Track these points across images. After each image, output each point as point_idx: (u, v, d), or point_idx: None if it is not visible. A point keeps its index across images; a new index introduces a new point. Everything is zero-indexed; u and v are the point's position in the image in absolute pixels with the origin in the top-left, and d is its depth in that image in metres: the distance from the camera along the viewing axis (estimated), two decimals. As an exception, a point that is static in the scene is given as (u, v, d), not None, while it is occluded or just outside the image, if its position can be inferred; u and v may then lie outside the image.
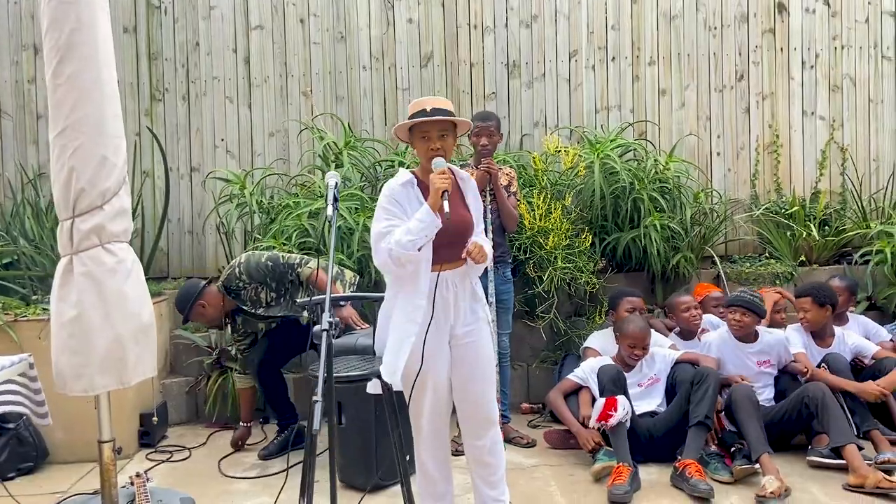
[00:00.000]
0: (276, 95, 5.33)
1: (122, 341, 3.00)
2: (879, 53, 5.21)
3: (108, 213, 2.99)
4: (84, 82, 2.88)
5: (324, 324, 2.12)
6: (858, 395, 3.69)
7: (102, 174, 2.95)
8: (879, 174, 5.23)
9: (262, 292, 3.86)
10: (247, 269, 3.80)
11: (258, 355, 4.04)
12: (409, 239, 2.57)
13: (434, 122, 2.68)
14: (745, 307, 3.82)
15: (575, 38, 5.23)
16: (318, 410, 1.92)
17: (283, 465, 3.87)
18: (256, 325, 4.06)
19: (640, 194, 4.62)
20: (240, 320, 4.05)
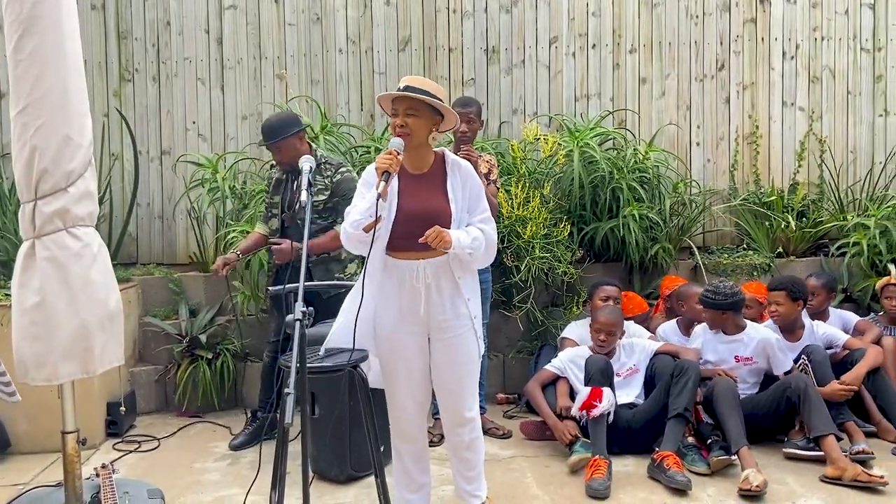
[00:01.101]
0: (249, 78, 5.20)
1: (87, 329, 2.89)
2: (858, 45, 5.21)
3: (72, 196, 2.87)
4: (46, 57, 2.75)
5: (297, 313, 2.04)
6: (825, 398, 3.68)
7: (66, 154, 2.83)
8: (856, 166, 5.25)
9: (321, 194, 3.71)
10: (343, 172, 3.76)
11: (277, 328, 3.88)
12: (353, 219, 2.53)
13: (400, 98, 2.60)
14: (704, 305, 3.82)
15: (555, 24, 5.16)
16: (291, 402, 1.84)
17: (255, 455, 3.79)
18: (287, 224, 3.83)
19: (619, 184, 4.58)
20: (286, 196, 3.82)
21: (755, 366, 3.84)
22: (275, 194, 3.85)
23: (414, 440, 2.85)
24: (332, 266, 3.78)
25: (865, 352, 3.87)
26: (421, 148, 2.66)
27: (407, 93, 2.57)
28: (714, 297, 3.81)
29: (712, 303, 3.81)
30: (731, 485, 3.33)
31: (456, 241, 2.57)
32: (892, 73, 5.21)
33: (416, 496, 2.90)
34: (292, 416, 1.83)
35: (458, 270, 2.68)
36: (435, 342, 2.72)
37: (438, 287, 2.66)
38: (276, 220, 3.85)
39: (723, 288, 3.83)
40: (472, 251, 2.64)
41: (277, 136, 3.67)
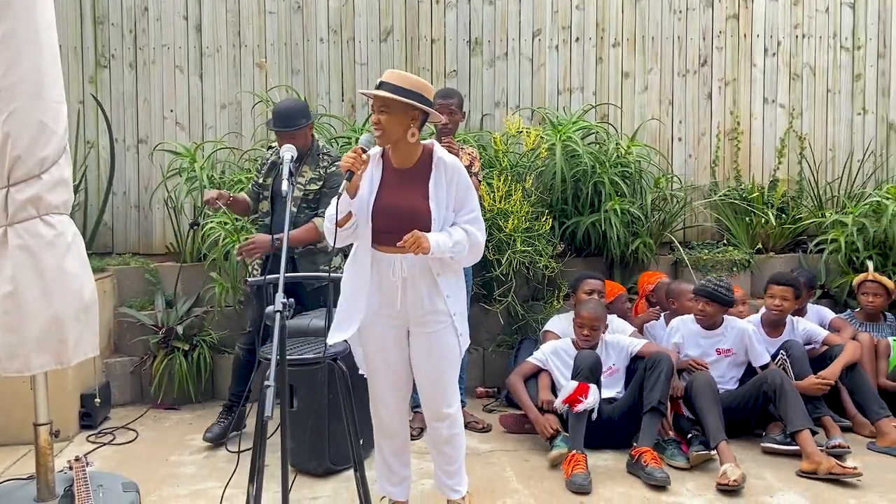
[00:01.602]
0: (228, 66, 5.12)
1: (61, 320, 2.83)
2: (838, 44, 5.24)
3: (46, 183, 2.80)
4: (20, 42, 2.68)
5: (277, 304, 2.00)
6: (802, 392, 3.71)
7: (41, 141, 2.76)
8: (835, 164, 5.29)
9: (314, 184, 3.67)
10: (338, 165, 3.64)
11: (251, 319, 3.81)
12: (329, 213, 2.52)
13: (373, 95, 2.57)
14: (706, 296, 3.80)
15: (539, 16, 5.14)
16: (272, 395, 1.81)
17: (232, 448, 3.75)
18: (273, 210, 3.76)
19: (601, 178, 4.57)
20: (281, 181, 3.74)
21: (735, 358, 3.86)
22: (267, 176, 3.77)
23: (395, 434, 2.83)
24: (317, 258, 3.73)
25: (843, 347, 3.90)
26: (400, 143, 2.61)
27: (378, 91, 2.55)
28: (726, 294, 3.83)
29: (723, 298, 3.81)
30: (709, 479, 3.34)
31: (435, 246, 2.51)
32: (870, 71, 5.25)
33: (396, 489, 2.89)
34: (272, 408, 1.80)
35: (436, 268, 2.64)
36: (413, 336, 2.70)
37: (415, 282, 2.63)
38: (266, 202, 3.77)
39: (726, 284, 3.87)
40: (454, 255, 2.59)
41: (296, 123, 3.60)
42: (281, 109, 3.64)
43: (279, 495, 2.31)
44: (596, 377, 3.54)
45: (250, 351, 3.81)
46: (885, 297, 4.34)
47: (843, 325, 4.27)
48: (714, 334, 3.89)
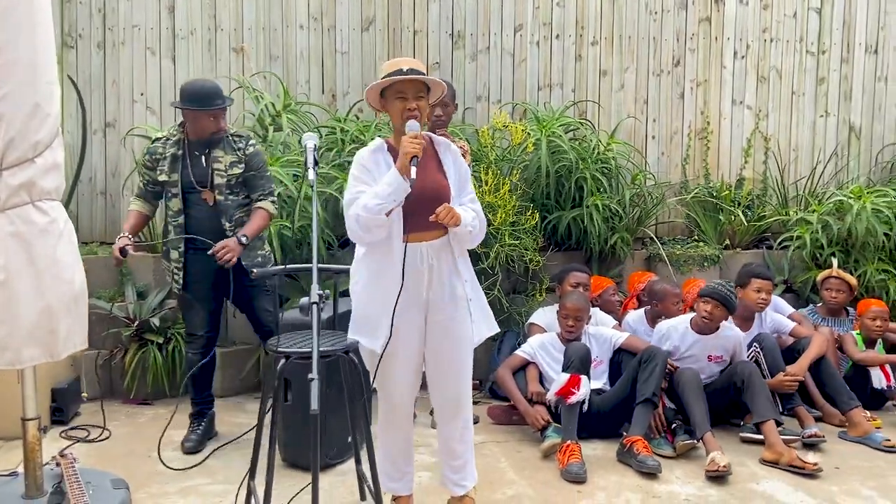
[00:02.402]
0: (203, 50, 4.97)
1: (52, 310, 2.71)
2: (804, 48, 5.44)
3: (39, 168, 2.68)
4: (16, 21, 2.56)
5: (313, 296, 1.96)
6: (773, 389, 3.85)
7: (34, 124, 2.64)
8: (798, 164, 5.49)
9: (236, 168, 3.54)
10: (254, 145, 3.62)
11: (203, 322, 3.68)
12: (376, 203, 2.46)
13: (411, 81, 2.57)
14: (719, 300, 3.81)
15: (520, 12, 5.16)
16: (316, 389, 1.77)
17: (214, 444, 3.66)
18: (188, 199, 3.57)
19: (583, 174, 4.64)
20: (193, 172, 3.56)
21: (722, 363, 3.95)
22: (172, 171, 3.52)
23: (402, 427, 2.82)
24: (254, 243, 3.61)
25: (811, 340, 4.06)
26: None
27: (420, 76, 2.56)
28: (735, 300, 3.85)
29: (733, 304, 3.83)
30: (696, 467, 3.45)
31: (463, 217, 2.57)
32: (834, 76, 5.47)
33: (399, 484, 2.87)
34: (319, 404, 1.76)
35: (457, 250, 2.69)
36: (432, 325, 2.69)
37: (439, 269, 2.65)
38: (176, 200, 3.53)
39: (734, 290, 3.93)
40: (472, 228, 2.65)
41: (215, 103, 3.45)
42: (196, 87, 3.47)
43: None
44: (587, 369, 3.60)
45: (204, 355, 3.68)
46: (847, 294, 4.54)
47: (802, 319, 4.44)
48: (707, 339, 3.89)
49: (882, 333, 4.36)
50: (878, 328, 4.32)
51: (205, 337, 3.72)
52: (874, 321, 4.33)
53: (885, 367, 4.21)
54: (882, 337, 4.37)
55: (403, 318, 2.60)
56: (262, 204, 3.59)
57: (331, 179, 4.37)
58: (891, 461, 3.57)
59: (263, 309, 3.72)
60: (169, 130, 3.62)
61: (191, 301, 3.70)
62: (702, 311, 3.85)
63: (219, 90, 3.51)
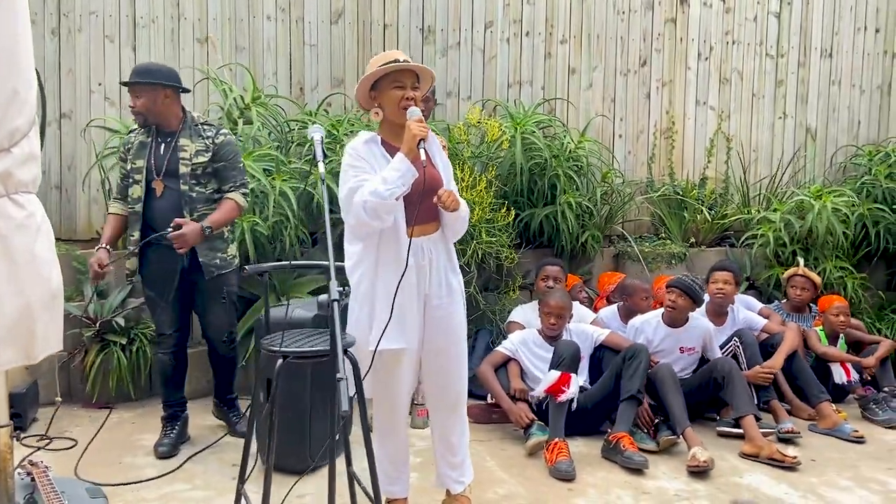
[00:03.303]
0: (165, 39, 4.78)
1: (31, 309, 2.52)
2: (764, 51, 5.59)
3: (16, 158, 2.48)
4: (-4, -3, 2.38)
5: (333, 293, 1.88)
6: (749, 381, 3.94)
7: (13, 111, 2.44)
8: (758, 164, 5.64)
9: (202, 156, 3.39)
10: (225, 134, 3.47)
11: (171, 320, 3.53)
12: (386, 188, 2.40)
13: (408, 70, 2.53)
14: (683, 290, 3.90)
15: (491, 8, 5.15)
16: (345, 389, 1.71)
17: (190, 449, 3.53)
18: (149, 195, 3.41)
19: (556, 171, 4.65)
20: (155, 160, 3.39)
21: (694, 355, 4.03)
22: (137, 158, 3.39)
23: (401, 427, 2.77)
24: (216, 243, 3.47)
25: (784, 335, 4.17)
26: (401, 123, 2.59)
27: (418, 65, 2.51)
28: (700, 290, 3.94)
29: (697, 294, 3.92)
30: (679, 462, 3.48)
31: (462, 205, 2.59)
32: (791, 79, 5.64)
33: (396, 487, 2.82)
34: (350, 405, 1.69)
35: (449, 243, 2.69)
36: (430, 320, 2.65)
37: (438, 263, 2.63)
38: (137, 187, 3.38)
39: (700, 282, 4.00)
40: (459, 226, 2.67)
41: (158, 78, 3.32)
42: (143, 65, 3.43)
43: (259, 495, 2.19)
44: (576, 367, 3.60)
45: (176, 354, 3.55)
46: (812, 291, 4.68)
47: (771, 314, 4.56)
48: (679, 332, 3.98)
49: (844, 328, 4.51)
50: (842, 323, 4.47)
51: (174, 336, 3.58)
52: (837, 317, 4.47)
53: (845, 363, 4.36)
54: (843, 333, 4.52)
55: (406, 316, 2.55)
56: (232, 195, 3.42)
57: (304, 174, 4.26)
58: (860, 452, 3.69)
59: (215, 316, 3.58)
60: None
61: (155, 299, 3.55)
62: (667, 301, 3.96)
63: (167, 70, 3.40)
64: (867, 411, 4.18)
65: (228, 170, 3.44)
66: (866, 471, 3.44)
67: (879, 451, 3.70)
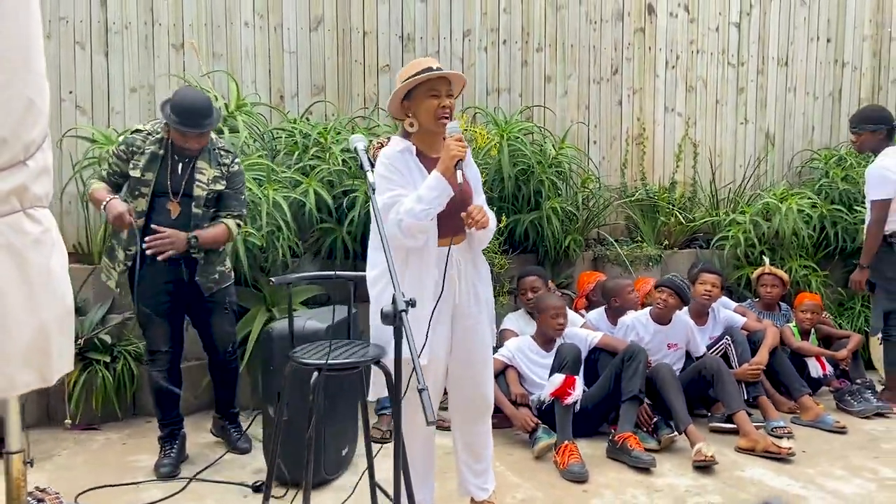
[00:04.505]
0: (140, 45, 4.63)
1: (47, 330, 2.40)
2: (726, 60, 5.81)
3: (31, 171, 2.36)
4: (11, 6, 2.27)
5: (399, 303, 1.87)
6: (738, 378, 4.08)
7: (28, 122, 2.32)
8: (723, 168, 5.84)
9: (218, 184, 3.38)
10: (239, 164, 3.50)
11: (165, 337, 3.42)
12: (422, 208, 2.41)
13: (444, 77, 2.53)
14: (673, 290, 4.03)
15: (469, 17, 5.19)
16: (428, 399, 1.70)
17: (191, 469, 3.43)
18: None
19: (540, 177, 4.72)
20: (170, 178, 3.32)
21: (679, 351, 4.16)
22: (147, 171, 3.28)
23: (429, 437, 2.76)
24: (212, 257, 3.45)
25: (766, 332, 4.34)
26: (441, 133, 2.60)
27: (453, 73, 2.52)
28: (689, 290, 4.06)
29: (687, 294, 4.05)
30: (682, 459, 3.58)
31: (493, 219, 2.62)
32: (751, 86, 5.88)
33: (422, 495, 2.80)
34: (434, 412, 1.69)
35: (477, 253, 2.70)
36: (457, 330, 2.65)
37: (466, 272, 2.63)
38: (143, 200, 3.28)
39: (687, 282, 4.11)
40: (484, 238, 2.69)
41: (210, 122, 3.28)
42: (188, 104, 3.22)
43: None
44: (579, 369, 3.67)
45: (169, 372, 3.45)
46: (781, 288, 4.89)
47: (747, 312, 4.74)
48: (666, 329, 4.12)
49: (813, 325, 4.72)
50: (809, 319, 4.68)
51: (169, 353, 3.48)
52: (805, 313, 4.68)
53: (820, 357, 4.57)
54: (814, 328, 4.74)
55: (438, 326, 2.55)
56: (227, 221, 3.41)
57: (295, 184, 4.20)
58: (844, 442, 3.88)
59: (219, 327, 3.53)
60: (152, 126, 3.36)
61: (150, 315, 3.44)
62: (657, 300, 4.09)
63: (211, 107, 3.30)
64: (842, 403, 4.39)
65: (232, 198, 3.44)
66: (855, 460, 3.62)
67: (862, 441, 3.89)
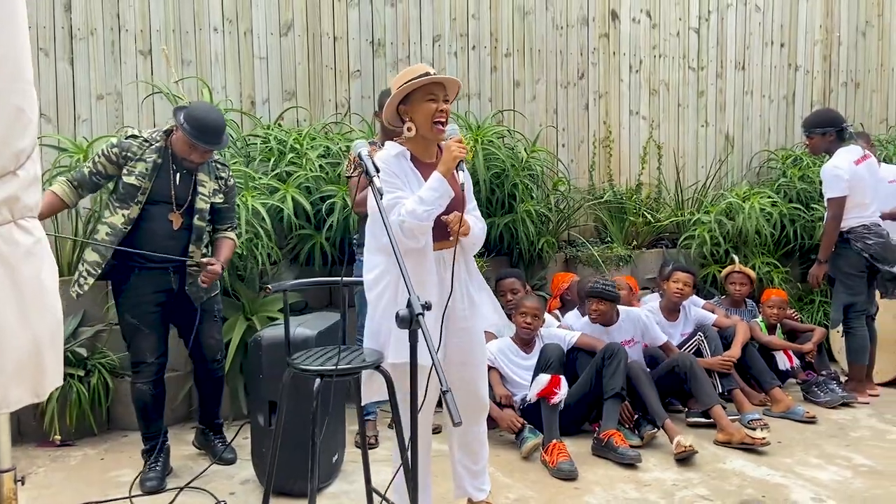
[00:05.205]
0: (106, 52, 4.53)
1: (39, 343, 2.35)
2: (686, 64, 5.97)
3: (22, 181, 2.30)
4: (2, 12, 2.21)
5: (415, 306, 1.88)
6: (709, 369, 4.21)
7: (18, 131, 2.27)
8: (686, 170, 6.00)
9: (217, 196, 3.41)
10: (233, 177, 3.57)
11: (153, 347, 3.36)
12: (424, 209, 2.43)
13: (442, 81, 2.56)
14: (600, 296, 4.09)
15: (438, 22, 5.22)
16: (453, 400, 1.71)
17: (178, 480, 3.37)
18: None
19: (515, 180, 4.78)
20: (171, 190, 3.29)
21: (637, 346, 4.24)
22: (144, 178, 3.21)
23: (424, 441, 2.76)
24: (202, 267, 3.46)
25: (737, 327, 4.47)
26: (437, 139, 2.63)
27: (450, 77, 2.55)
28: (612, 290, 4.11)
29: (611, 294, 4.09)
30: (662, 453, 3.68)
31: (473, 228, 2.62)
32: (711, 89, 6.05)
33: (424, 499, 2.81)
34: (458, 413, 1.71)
35: (468, 257, 2.71)
36: (453, 332, 2.67)
37: (459, 275, 2.65)
38: (136, 208, 3.21)
39: (610, 281, 4.20)
40: (476, 241, 2.71)
41: (225, 140, 3.33)
42: (209, 122, 3.19)
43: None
44: (563, 367, 3.72)
45: (155, 384, 3.38)
46: (749, 286, 5.04)
47: (716, 309, 4.88)
48: (614, 329, 4.17)
49: (779, 320, 4.88)
50: (777, 315, 4.84)
51: (155, 364, 3.41)
52: (772, 309, 4.84)
53: (787, 350, 4.73)
54: (780, 323, 4.90)
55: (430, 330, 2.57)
56: (230, 234, 3.52)
57: (272, 190, 4.16)
58: (815, 431, 4.02)
59: (209, 336, 3.50)
60: (150, 134, 3.31)
61: (137, 326, 3.37)
62: (591, 311, 4.13)
63: (225, 126, 3.31)
64: (809, 394, 4.55)
65: (229, 211, 3.51)
66: (829, 448, 3.75)
67: (832, 430, 4.04)
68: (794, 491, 3.23)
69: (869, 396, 4.56)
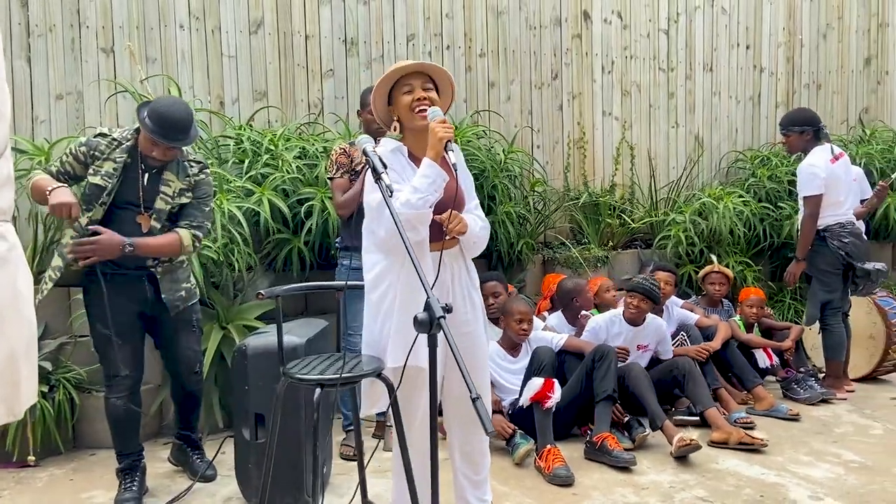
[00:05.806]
0: (65, 49, 4.30)
1: (15, 357, 2.13)
2: (657, 65, 5.99)
3: None
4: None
5: (436, 309, 1.77)
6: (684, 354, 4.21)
7: (-11, 127, 2.11)
8: (658, 170, 6.02)
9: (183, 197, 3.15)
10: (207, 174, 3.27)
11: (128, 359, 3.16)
12: (419, 197, 2.33)
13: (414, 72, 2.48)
14: (645, 294, 4.06)
15: (412, 22, 5.12)
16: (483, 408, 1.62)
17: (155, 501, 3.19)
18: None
19: (494, 181, 4.70)
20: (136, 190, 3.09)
21: (648, 353, 4.21)
22: (109, 178, 3.02)
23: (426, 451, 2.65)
24: (179, 274, 3.24)
25: (718, 326, 4.48)
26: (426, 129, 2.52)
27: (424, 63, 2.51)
28: (658, 291, 4.09)
29: (657, 296, 4.08)
30: (656, 455, 3.63)
31: (471, 226, 2.51)
32: (681, 90, 6.09)
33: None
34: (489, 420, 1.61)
35: (467, 259, 2.61)
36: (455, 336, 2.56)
37: (459, 277, 2.56)
38: (101, 209, 3.02)
39: (656, 282, 4.16)
40: (477, 240, 2.60)
41: (189, 138, 3.06)
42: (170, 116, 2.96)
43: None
44: (555, 371, 3.65)
45: (129, 398, 3.17)
46: (727, 286, 5.06)
47: (695, 308, 4.88)
48: (638, 331, 4.15)
49: (757, 319, 4.91)
50: (755, 313, 4.87)
51: (130, 377, 3.20)
52: (751, 308, 4.87)
53: (766, 348, 4.76)
54: (758, 322, 4.93)
55: None
56: (180, 230, 3.11)
57: (248, 193, 4.00)
58: (801, 429, 4.03)
59: (186, 347, 3.31)
60: (121, 133, 3.10)
61: (110, 337, 3.17)
62: (629, 304, 4.11)
63: (191, 123, 3.05)
64: (789, 391, 4.58)
65: (193, 207, 3.17)
66: (816, 445, 3.76)
67: (816, 426, 4.06)
68: (792, 490, 3.22)
69: (846, 392, 4.61)
